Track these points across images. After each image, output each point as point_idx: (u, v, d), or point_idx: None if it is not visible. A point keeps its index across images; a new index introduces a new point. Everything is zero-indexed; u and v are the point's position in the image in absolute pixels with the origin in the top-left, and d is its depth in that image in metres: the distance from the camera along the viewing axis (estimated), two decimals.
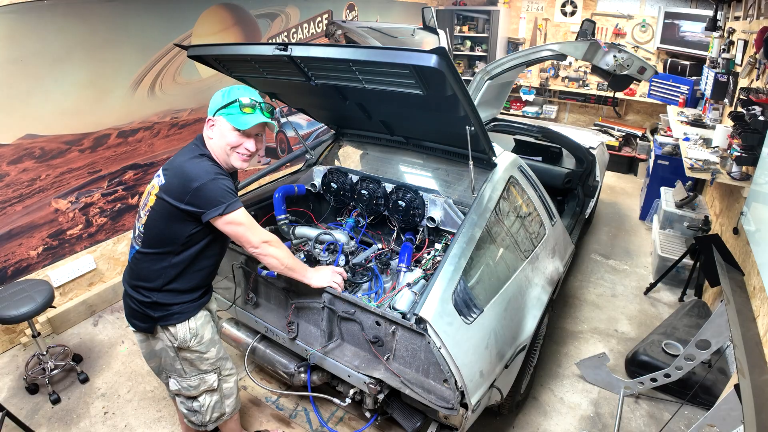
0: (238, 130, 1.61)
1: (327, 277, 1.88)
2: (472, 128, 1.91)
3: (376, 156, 2.89)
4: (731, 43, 3.97)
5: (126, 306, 1.78)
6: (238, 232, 1.61)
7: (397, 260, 2.28)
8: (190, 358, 1.79)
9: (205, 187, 1.53)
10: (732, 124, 2.98)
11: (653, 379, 2.48)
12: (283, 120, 4.74)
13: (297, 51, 1.77)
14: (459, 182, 2.55)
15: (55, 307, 3.00)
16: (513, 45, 7.03)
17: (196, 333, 1.76)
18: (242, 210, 1.60)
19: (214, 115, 1.63)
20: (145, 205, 1.66)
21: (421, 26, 4.22)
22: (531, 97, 7.03)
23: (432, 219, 2.34)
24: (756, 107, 2.67)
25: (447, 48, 4.52)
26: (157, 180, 1.64)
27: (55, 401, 2.56)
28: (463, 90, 1.69)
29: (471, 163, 2.04)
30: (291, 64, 1.89)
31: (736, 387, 1.62)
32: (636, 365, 2.70)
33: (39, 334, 2.63)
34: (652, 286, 3.58)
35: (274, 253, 1.69)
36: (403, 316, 1.80)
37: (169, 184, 1.58)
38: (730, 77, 3.70)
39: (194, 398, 1.87)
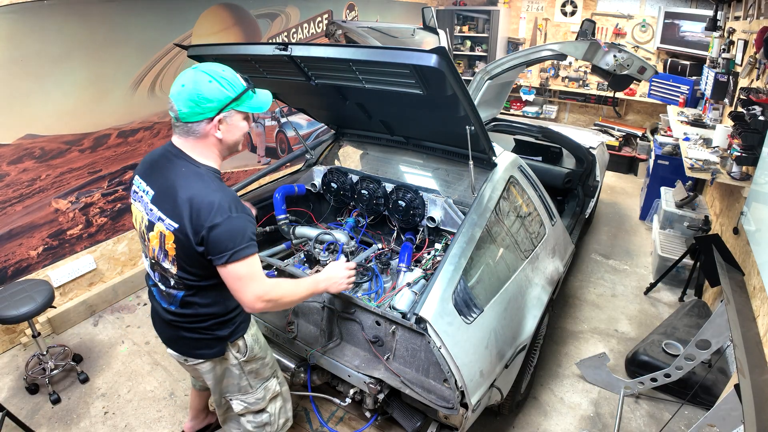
0: (247, 116, 1.47)
1: (342, 280, 1.72)
2: (472, 128, 1.91)
3: (376, 156, 2.89)
4: (731, 43, 3.97)
5: (182, 343, 1.62)
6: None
7: (397, 260, 2.28)
8: (255, 369, 1.73)
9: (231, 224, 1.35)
10: (732, 124, 2.98)
11: (653, 379, 2.48)
12: (283, 120, 4.75)
13: (297, 51, 1.77)
14: (459, 182, 2.55)
15: (55, 307, 3.00)
16: (513, 45, 7.02)
17: (257, 338, 1.73)
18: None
19: (220, 113, 1.38)
20: (166, 255, 1.45)
21: (421, 26, 4.22)
22: (531, 97, 7.03)
23: (432, 219, 2.34)
24: (756, 107, 2.67)
25: (447, 48, 4.52)
26: (164, 225, 1.41)
27: (55, 401, 2.56)
28: (463, 90, 1.69)
29: (471, 163, 2.04)
30: (291, 64, 1.89)
31: (736, 387, 1.62)
32: (636, 365, 2.70)
33: (39, 334, 2.63)
34: (652, 286, 3.57)
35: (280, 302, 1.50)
36: (403, 315, 1.80)
37: (183, 227, 1.37)
38: (730, 77, 3.70)
39: (263, 410, 1.82)
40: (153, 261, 1.53)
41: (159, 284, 1.56)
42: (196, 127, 1.39)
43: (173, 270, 1.46)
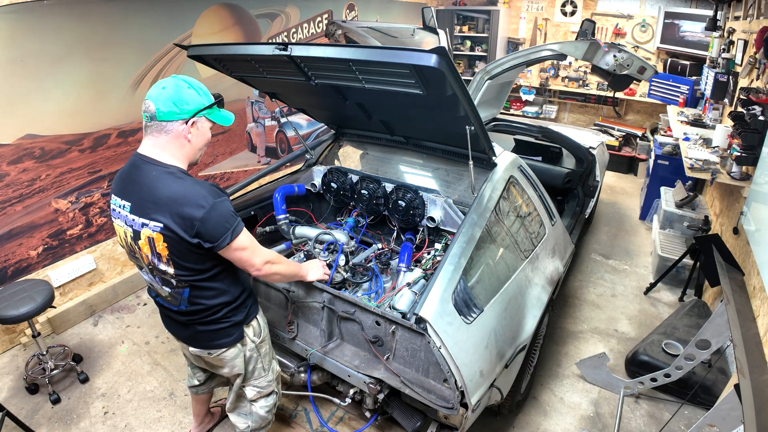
0: (212, 127, 1.57)
1: (319, 269, 1.95)
2: (472, 128, 1.91)
3: (376, 156, 2.89)
4: (731, 42, 3.97)
5: (201, 338, 1.68)
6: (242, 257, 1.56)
7: (397, 260, 2.28)
8: (266, 350, 1.86)
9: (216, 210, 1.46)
10: (732, 123, 2.98)
11: (653, 379, 2.48)
12: (283, 120, 4.75)
13: (297, 51, 1.77)
14: (459, 182, 2.55)
15: (55, 307, 3.00)
16: (513, 45, 7.02)
17: (265, 319, 1.86)
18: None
19: (194, 116, 1.48)
20: (160, 258, 1.51)
21: (421, 26, 4.22)
22: (531, 97, 7.03)
23: (432, 219, 2.34)
24: (756, 107, 2.67)
25: (447, 48, 4.52)
26: (149, 229, 1.46)
27: (55, 401, 2.56)
28: (463, 90, 1.69)
29: (471, 162, 2.04)
30: (291, 64, 1.89)
31: (736, 387, 1.62)
32: (636, 365, 2.70)
33: (39, 334, 2.63)
34: (652, 286, 3.57)
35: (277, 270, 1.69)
36: (403, 315, 1.80)
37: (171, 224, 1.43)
38: (730, 77, 3.70)
39: (272, 393, 1.94)
40: (150, 267, 1.57)
41: (164, 288, 1.61)
42: (170, 126, 1.46)
43: (171, 270, 1.52)
